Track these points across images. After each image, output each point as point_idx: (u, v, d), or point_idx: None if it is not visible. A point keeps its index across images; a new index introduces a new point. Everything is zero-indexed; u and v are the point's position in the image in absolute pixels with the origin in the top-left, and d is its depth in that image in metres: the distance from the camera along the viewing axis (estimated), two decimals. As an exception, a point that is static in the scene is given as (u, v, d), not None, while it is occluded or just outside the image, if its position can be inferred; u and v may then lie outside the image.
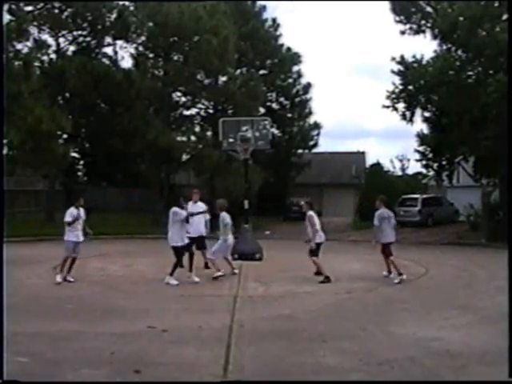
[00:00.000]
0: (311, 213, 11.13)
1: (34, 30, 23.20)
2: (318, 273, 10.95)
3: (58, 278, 10.33)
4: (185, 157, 26.77)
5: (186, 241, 10.53)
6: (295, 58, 32.29)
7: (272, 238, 20.29)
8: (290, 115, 32.85)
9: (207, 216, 11.92)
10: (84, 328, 6.84)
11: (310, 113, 33.34)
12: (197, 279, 10.52)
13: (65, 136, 24.73)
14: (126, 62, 55.09)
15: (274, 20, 32.10)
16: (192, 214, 10.85)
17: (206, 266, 11.69)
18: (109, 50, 27.32)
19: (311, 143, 33.63)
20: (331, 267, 12.36)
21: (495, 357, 5.59)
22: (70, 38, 25.97)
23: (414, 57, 20.80)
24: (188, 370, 5.36)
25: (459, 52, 19.66)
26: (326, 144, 73.02)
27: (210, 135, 26.72)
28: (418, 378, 5.15)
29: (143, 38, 25.94)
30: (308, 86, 33.01)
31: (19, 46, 19.87)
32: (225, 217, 11.19)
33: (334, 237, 21.19)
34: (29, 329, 6.67)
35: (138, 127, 24.23)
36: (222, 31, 24.09)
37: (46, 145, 20.06)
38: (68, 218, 10.28)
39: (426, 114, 22.33)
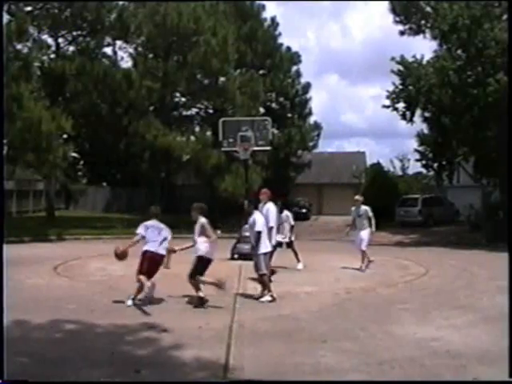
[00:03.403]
0: (203, 220, 8.26)
1: (33, 31, 23.25)
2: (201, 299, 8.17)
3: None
4: (185, 157, 26.79)
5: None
6: (294, 58, 32.28)
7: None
8: (289, 115, 32.81)
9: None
10: (84, 328, 6.84)
11: (310, 113, 33.33)
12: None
13: (65, 136, 24.72)
14: (126, 63, 54.91)
15: (272, 20, 32.14)
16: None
17: None
18: (108, 51, 27.46)
19: (311, 143, 33.60)
20: (331, 267, 12.41)
21: (495, 357, 5.58)
22: (70, 39, 26.05)
23: (413, 57, 20.82)
24: (188, 369, 5.35)
25: (459, 52, 19.66)
26: (325, 144, 73.02)
27: (209, 135, 26.72)
28: (418, 378, 5.14)
29: (142, 39, 26.00)
30: (307, 86, 32.99)
31: (19, 47, 19.92)
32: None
33: (334, 236, 21.22)
34: (29, 329, 6.66)
35: (137, 127, 24.24)
36: (220, 31, 24.13)
37: (46, 145, 20.06)
38: None
39: (426, 114, 22.33)
